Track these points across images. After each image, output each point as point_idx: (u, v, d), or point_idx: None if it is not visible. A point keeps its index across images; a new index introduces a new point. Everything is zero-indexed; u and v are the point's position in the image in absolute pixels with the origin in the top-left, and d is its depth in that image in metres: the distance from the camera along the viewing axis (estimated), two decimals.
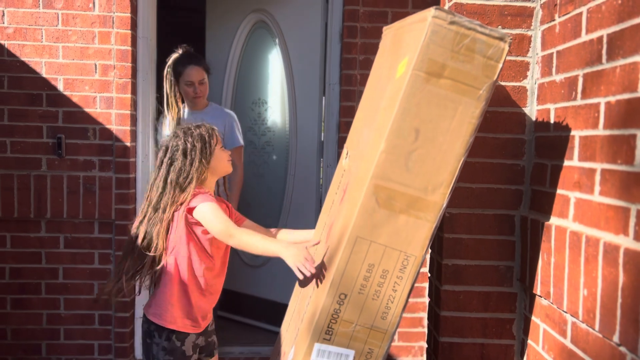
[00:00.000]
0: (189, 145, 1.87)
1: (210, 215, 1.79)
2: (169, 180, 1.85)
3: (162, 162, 1.89)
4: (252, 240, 1.74)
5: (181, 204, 1.83)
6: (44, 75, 2.74)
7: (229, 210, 2.01)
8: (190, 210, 1.82)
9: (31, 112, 2.75)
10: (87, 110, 2.77)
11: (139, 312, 2.96)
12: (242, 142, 2.91)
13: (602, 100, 1.35)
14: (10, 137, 2.75)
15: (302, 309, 1.62)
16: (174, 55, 2.81)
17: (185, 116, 2.86)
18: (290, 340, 1.68)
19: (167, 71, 2.82)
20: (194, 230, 1.85)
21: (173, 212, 1.84)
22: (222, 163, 1.95)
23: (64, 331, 2.84)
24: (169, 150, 1.89)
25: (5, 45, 2.72)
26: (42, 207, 2.75)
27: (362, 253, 1.40)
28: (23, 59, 2.73)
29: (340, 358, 1.43)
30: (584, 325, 1.38)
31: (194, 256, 1.86)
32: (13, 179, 2.73)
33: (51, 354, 2.84)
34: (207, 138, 1.90)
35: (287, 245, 1.63)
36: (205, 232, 1.84)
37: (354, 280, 1.41)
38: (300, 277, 1.55)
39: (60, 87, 2.75)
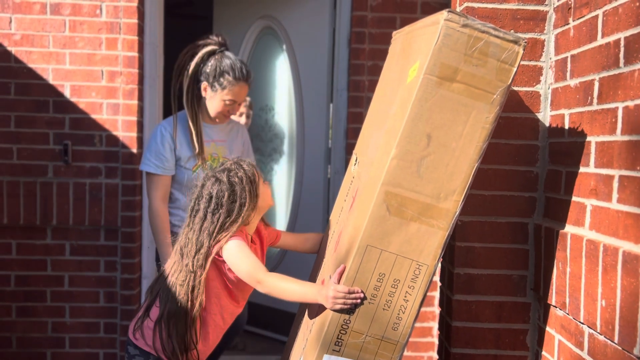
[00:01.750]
0: (237, 190, 1.62)
1: (238, 253, 1.58)
2: (210, 231, 1.62)
3: (205, 212, 1.63)
4: (286, 287, 1.54)
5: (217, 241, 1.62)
6: (51, 81, 2.74)
7: (260, 242, 1.79)
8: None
9: (38, 119, 2.74)
10: (93, 116, 2.76)
11: None
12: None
13: (620, 105, 1.31)
14: (16, 144, 2.74)
15: (311, 319, 1.59)
16: (209, 49, 2.14)
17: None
18: (298, 350, 1.65)
19: (184, 66, 2.12)
20: (221, 268, 1.66)
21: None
22: (267, 199, 1.74)
23: (69, 339, 2.82)
24: (213, 200, 1.63)
25: (13, 52, 2.72)
26: (48, 214, 2.73)
27: (372, 262, 1.36)
28: (30, 65, 2.72)
29: None
30: (602, 337, 1.34)
31: (213, 297, 1.66)
32: (19, 185, 2.72)
33: None
34: (253, 178, 1.67)
35: (321, 289, 1.45)
36: (232, 271, 1.64)
37: (364, 289, 1.37)
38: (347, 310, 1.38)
39: (67, 93, 2.75)
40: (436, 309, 3.02)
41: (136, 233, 2.80)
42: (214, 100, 2.13)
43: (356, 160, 1.80)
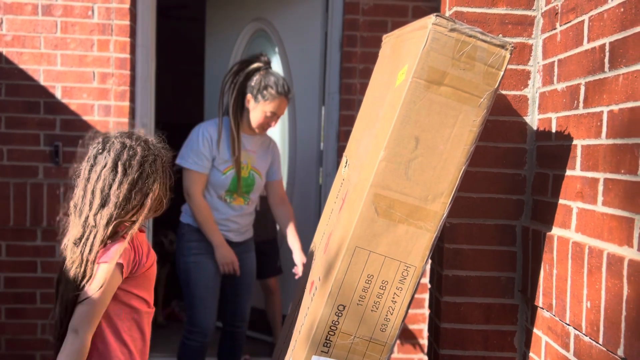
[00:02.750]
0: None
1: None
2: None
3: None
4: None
5: None
6: (42, 82, 2.73)
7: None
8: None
9: (28, 120, 2.73)
10: (85, 118, 2.75)
11: None
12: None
13: (604, 109, 1.33)
14: (7, 145, 2.73)
15: (300, 320, 1.59)
16: (256, 66, 2.39)
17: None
18: (288, 352, 1.65)
19: (232, 78, 2.39)
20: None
21: None
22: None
23: None
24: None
25: (4, 53, 2.71)
26: (39, 215, 2.72)
27: (361, 263, 1.37)
28: (21, 66, 2.72)
29: None
30: (587, 338, 1.36)
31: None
32: (9, 187, 2.71)
33: None
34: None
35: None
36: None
37: (352, 291, 1.38)
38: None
39: (58, 94, 2.74)
40: (426, 311, 3.03)
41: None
42: (256, 111, 2.37)
43: (346, 163, 1.81)
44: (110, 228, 1.41)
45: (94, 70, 2.74)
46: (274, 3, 3.33)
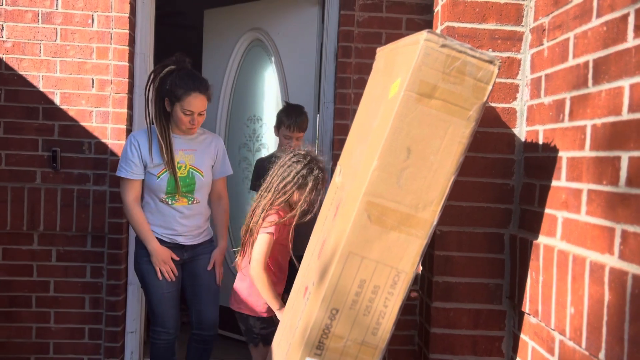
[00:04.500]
0: (317, 175, 2.24)
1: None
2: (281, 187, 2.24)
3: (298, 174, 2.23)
4: (262, 286, 2.22)
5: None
6: (41, 89, 2.77)
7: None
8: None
9: (27, 125, 2.77)
10: (83, 124, 2.79)
11: (130, 326, 2.95)
12: (231, 170, 2.63)
13: (588, 123, 1.39)
14: (5, 150, 2.76)
15: (294, 324, 1.64)
16: (168, 69, 2.36)
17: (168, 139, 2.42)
18: (282, 355, 1.69)
19: (151, 85, 2.38)
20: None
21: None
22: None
23: (53, 345, 2.83)
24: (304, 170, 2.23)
25: (4, 59, 2.75)
26: (35, 219, 2.75)
27: (354, 269, 1.42)
28: (21, 72, 2.76)
29: None
30: (571, 343, 1.41)
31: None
32: (7, 191, 2.74)
33: None
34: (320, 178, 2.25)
35: (278, 311, 2.22)
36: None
37: (345, 295, 1.43)
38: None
39: (57, 101, 2.78)
40: (417, 317, 3.07)
41: (123, 240, 2.83)
42: (175, 113, 2.35)
43: (340, 171, 1.86)
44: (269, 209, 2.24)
45: (93, 77, 2.79)
46: (270, 13, 3.39)
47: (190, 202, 2.42)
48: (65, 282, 2.82)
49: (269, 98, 3.49)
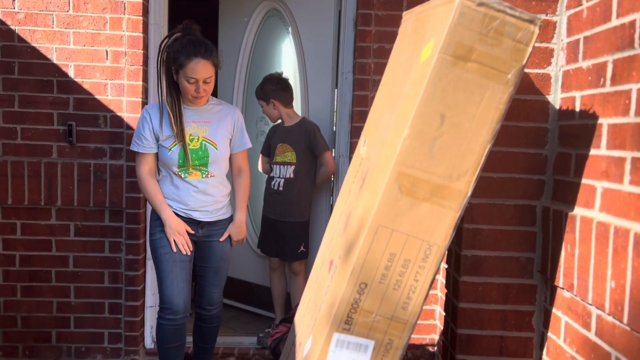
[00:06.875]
0: None
1: None
2: None
3: None
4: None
5: None
6: (55, 61, 2.72)
7: None
8: None
9: (42, 99, 2.73)
10: (98, 97, 2.74)
11: (149, 300, 2.94)
12: (250, 144, 2.53)
13: (634, 87, 1.31)
14: (20, 124, 2.72)
15: (320, 298, 1.59)
16: (174, 37, 2.28)
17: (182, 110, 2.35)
18: (307, 330, 1.66)
19: (161, 56, 2.29)
20: None
21: None
22: None
23: (74, 319, 2.83)
24: None
25: (16, 31, 2.69)
26: (53, 194, 2.73)
27: (383, 242, 1.36)
28: (34, 44, 2.70)
29: (359, 348, 1.40)
30: (610, 318, 1.35)
31: None
32: (23, 166, 2.71)
33: (61, 342, 2.83)
34: None
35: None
36: None
37: (374, 269, 1.38)
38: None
39: (71, 73, 2.73)
40: (439, 292, 3.03)
41: (141, 214, 2.80)
42: (180, 82, 2.25)
43: (365, 142, 1.79)
44: None
45: (107, 49, 2.73)
46: None
47: (204, 176, 2.34)
48: (84, 257, 2.81)
49: (287, 70, 3.41)
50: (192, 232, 2.36)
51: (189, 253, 2.34)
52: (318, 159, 3.08)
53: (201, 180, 2.34)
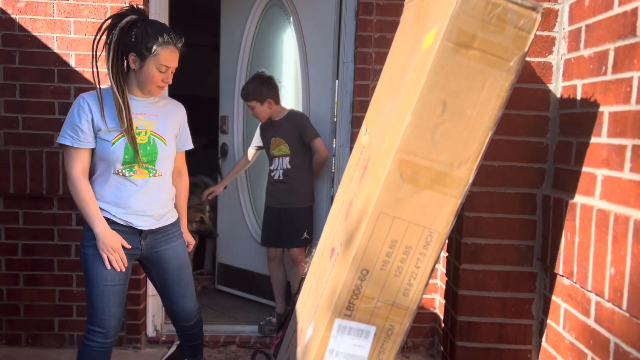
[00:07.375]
0: None
1: None
2: None
3: None
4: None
5: None
6: (56, 50, 2.71)
7: None
8: None
9: (43, 88, 2.72)
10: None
11: (151, 289, 2.96)
12: (192, 145, 2.29)
13: (635, 75, 1.31)
14: (22, 113, 2.73)
15: (321, 285, 1.61)
16: (129, 19, 2.01)
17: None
18: (308, 317, 1.67)
19: (111, 39, 2.00)
20: None
21: None
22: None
23: (76, 308, 2.85)
24: None
25: (17, 20, 2.69)
26: (54, 183, 2.74)
27: (384, 229, 1.37)
28: (34, 33, 2.70)
29: (361, 334, 1.41)
30: (609, 305, 1.36)
31: None
32: (25, 155, 2.72)
33: (64, 330, 2.85)
34: None
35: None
36: None
37: (376, 256, 1.39)
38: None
39: (72, 62, 2.72)
40: (438, 281, 3.05)
41: None
42: (146, 69, 2.01)
43: (366, 131, 1.80)
44: None
45: None
46: None
47: (151, 175, 2.07)
48: None
49: (288, 59, 3.40)
50: (129, 246, 2.06)
51: (124, 269, 2.06)
52: (310, 146, 3.12)
53: (147, 179, 2.07)
